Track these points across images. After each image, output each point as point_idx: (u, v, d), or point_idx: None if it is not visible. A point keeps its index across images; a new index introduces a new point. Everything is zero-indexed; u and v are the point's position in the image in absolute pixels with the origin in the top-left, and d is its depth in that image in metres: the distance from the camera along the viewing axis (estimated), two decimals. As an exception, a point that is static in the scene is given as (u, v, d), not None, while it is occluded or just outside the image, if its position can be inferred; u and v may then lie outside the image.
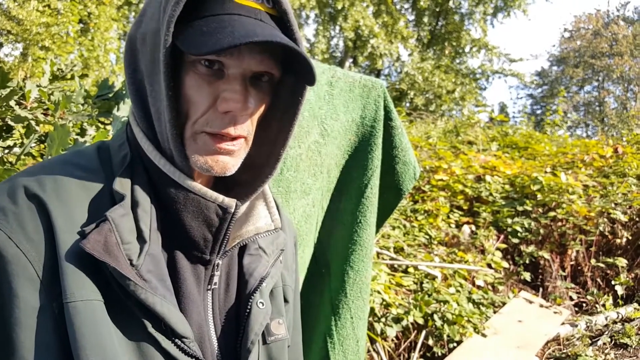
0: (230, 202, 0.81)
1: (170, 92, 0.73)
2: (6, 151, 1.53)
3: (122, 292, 0.71)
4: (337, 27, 18.37)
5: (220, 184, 0.86)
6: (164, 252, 0.80)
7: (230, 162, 0.79)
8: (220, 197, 0.80)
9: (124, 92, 1.63)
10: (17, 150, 1.55)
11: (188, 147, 0.77)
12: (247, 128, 0.79)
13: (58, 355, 0.68)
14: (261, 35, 0.69)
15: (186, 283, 0.81)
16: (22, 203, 0.71)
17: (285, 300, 1.00)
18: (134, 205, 0.76)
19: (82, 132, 1.53)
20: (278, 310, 0.94)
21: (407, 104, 18.18)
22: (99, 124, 1.59)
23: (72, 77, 1.68)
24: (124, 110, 1.37)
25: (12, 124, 1.47)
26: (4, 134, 1.49)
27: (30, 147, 1.42)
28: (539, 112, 27.81)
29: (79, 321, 0.67)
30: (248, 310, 0.86)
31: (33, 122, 1.43)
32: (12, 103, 1.44)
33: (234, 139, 0.78)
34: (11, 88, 1.38)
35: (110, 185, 0.78)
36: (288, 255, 1.04)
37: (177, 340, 0.74)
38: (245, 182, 0.87)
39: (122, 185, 0.77)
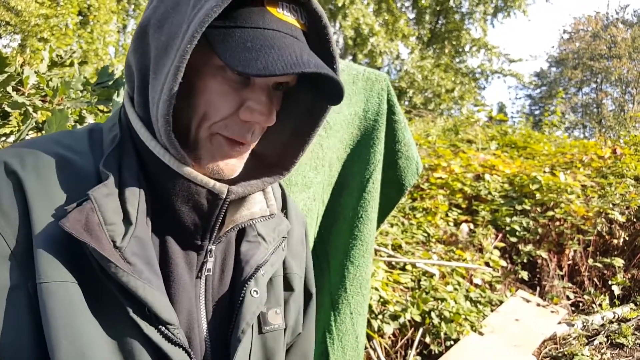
0: (222, 187, 0.78)
1: (176, 87, 0.69)
2: (2, 138, 1.51)
3: (104, 274, 0.69)
4: (337, 24, 18.33)
5: None
6: (154, 237, 0.78)
7: (237, 165, 0.79)
8: (211, 182, 0.78)
9: (124, 80, 1.61)
10: (13, 138, 1.53)
11: (202, 147, 0.77)
12: (260, 136, 0.80)
13: (30, 335, 0.67)
14: (313, 65, 0.68)
15: (177, 269, 0.79)
16: (1, 179, 0.70)
17: (291, 289, 0.98)
18: (121, 186, 0.74)
19: (81, 120, 1.50)
20: (276, 299, 0.92)
21: (406, 102, 18.18)
22: (98, 111, 1.56)
23: (72, 64, 1.65)
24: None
25: (9, 110, 1.44)
26: (0, 120, 1.46)
27: (27, 134, 1.39)
28: (537, 112, 27.86)
29: (52, 302, 0.66)
30: (241, 298, 0.84)
31: (30, 109, 1.41)
32: (9, 89, 1.41)
33: (246, 143, 0.78)
34: (8, 73, 1.36)
35: (95, 167, 0.76)
36: (294, 243, 1.02)
37: (160, 326, 0.72)
38: (250, 172, 0.85)
39: (108, 165, 0.75)
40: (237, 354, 0.80)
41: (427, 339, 3.68)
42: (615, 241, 5.04)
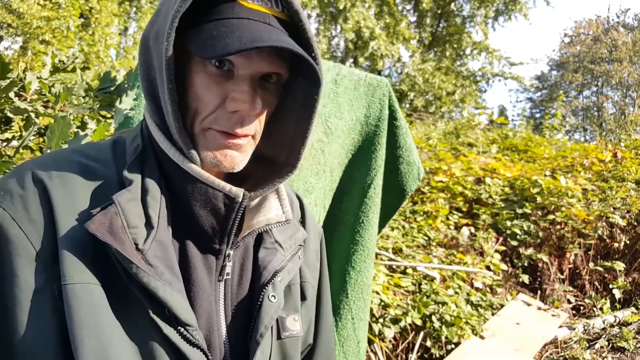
0: (238, 191, 0.81)
1: (171, 85, 0.74)
2: (4, 144, 1.51)
3: (126, 275, 0.71)
4: (339, 27, 18.33)
5: (235, 177, 0.87)
6: (175, 241, 0.81)
7: (238, 157, 0.81)
8: (227, 186, 0.80)
9: (125, 85, 1.60)
10: (15, 143, 1.52)
11: (198, 143, 0.80)
12: (254, 127, 0.81)
13: (55, 336, 0.69)
14: (267, 40, 0.71)
15: (197, 272, 0.81)
16: (29, 187, 0.73)
17: (304, 297, 1.00)
18: (144, 192, 0.77)
19: (83, 126, 1.50)
20: (294, 306, 0.95)
21: (407, 105, 18.16)
22: (100, 118, 1.56)
23: (74, 70, 1.66)
24: (127, 103, 1.35)
25: (11, 115, 1.44)
26: (2, 126, 1.46)
27: (29, 140, 1.39)
28: (537, 115, 27.86)
29: (77, 303, 0.68)
30: (259, 303, 0.86)
31: (33, 115, 1.41)
32: (11, 94, 1.41)
33: (241, 136, 0.80)
34: (11, 79, 1.36)
35: (119, 176, 0.79)
36: (310, 252, 1.04)
37: (180, 327, 0.74)
38: (262, 177, 0.89)
39: (131, 172, 0.79)
40: (256, 357, 0.83)
41: (428, 343, 3.68)
42: (616, 245, 5.04)
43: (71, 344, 0.68)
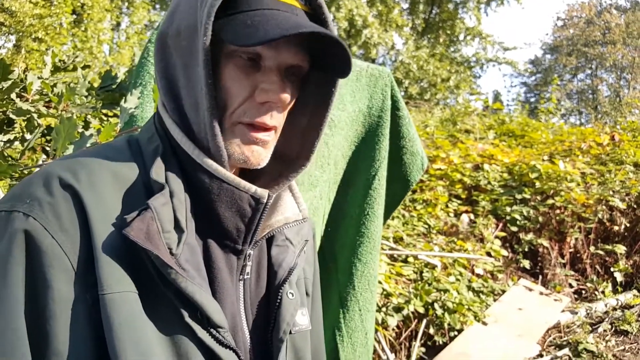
0: (263, 192, 0.81)
1: (210, 79, 0.74)
2: (7, 145, 1.50)
3: (162, 281, 0.71)
4: (331, 16, 18.22)
5: (248, 174, 0.86)
6: (198, 242, 0.81)
7: (263, 154, 0.81)
8: (253, 188, 0.80)
9: (127, 83, 1.59)
10: (17, 144, 1.51)
11: (226, 139, 0.78)
12: (280, 119, 0.81)
13: (91, 346, 0.69)
14: (309, 27, 0.72)
15: (221, 273, 0.81)
16: (58, 194, 0.71)
17: (307, 293, 1.01)
18: (170, 195, 0.76)
19: (86, 125, 1.49)
20: (302, 301, 0.95)
21: (402, 93, 18.14)
22: (103, 116, 1.55)
23: (74, 69, 1.64)
24: (132, 101, 1.34)
25: (13, 117, 1.43)
26: (5, 127, 1.45)
27: (34, 141, 1.38)
28: (532, 100, 27.87)
29: (116, 313, 0.68)
30: (279, 301, 0.87)
31: (35, 115, 1.40)
32: (13, 95, 1.40)
33: (268, 129, 0.80)
34: (12, 80, 1.34)
35: (142, 177, 0.78)
36: (309, 247, 1.03)
37: (212, 330, 0.75)
38: (275, 174, 0.88)
39: (158, 175, 0.77)
40: (281, 354, 0.85)
41: (431, 330, 3.70)
42: (616, 228, 5.06)
43: (110, 353, 0.68)
